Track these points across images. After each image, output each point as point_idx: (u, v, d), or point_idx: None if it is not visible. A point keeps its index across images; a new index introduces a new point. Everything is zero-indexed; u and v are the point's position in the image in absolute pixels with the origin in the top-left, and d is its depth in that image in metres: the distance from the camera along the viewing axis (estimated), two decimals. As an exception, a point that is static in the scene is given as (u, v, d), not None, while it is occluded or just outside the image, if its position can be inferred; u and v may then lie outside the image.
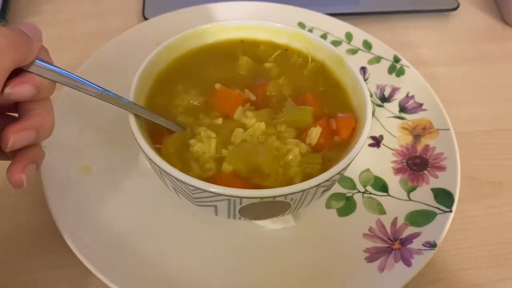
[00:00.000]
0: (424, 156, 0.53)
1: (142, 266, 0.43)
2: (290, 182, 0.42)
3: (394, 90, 0.59)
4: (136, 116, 0.42)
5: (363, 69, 0.61)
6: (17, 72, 0.34)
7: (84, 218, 0.45)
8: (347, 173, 0.51)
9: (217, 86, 0.48)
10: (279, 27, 0.52)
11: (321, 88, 0.50)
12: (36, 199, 0.49)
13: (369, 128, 0.43)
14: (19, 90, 0.34)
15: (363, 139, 0.42)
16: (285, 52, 0.53)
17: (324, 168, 0.41)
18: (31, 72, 0.34)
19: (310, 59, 0.52)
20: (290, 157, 0.43)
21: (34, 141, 0.35)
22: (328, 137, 0.45)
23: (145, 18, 0.69)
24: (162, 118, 0.44)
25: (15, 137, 0.34)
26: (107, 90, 0.40)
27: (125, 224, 0.46)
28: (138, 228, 0.46)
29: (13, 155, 0.36)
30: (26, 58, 0.34)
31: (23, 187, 0.35)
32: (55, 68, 0.36)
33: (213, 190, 0.38)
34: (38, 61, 0.35)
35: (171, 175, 0.39)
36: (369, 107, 0.45)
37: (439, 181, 0.50)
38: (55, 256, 0.45)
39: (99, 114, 0.53)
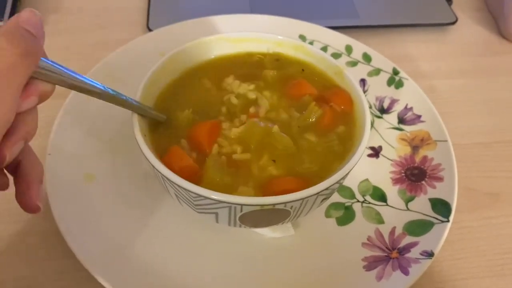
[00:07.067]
0: (422, 167, 0.53)
1: (144, 273, 0.44)
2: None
3: (393, 102, 0.60)
4: (140, 124, 0.43)
5: (363, 81, 0.62)
6: None
7: (87, 225, 0.46)
8: (346, 183, 0.52)
9: None
10: (281, 39, 0.54)
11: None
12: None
13: (367, 138, 0.44)
14: (25, 106, 0.29)
15: (362, 149, 0.43)
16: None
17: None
18: (36, 78, 0.29)
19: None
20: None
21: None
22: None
23: (149, 30, 0.70)
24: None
25: (10, 152, 0.30)
26: (116, 92, 0.40)
27: (128, 231, 0.47)
28: (140, 235, 0.47)
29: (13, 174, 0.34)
30: (36, 65, 0.28)
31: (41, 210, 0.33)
32: (63, 69, 0.31)
33: (214, 197, 0.39)
34: (44, 62, 0.29)
35: (173, 182, 0.39)
36: (368, 118, 0.45)
37: (437, 191, 0.50)
38: (59, 261, 0.46)
39: (103, 122, 0.54)
